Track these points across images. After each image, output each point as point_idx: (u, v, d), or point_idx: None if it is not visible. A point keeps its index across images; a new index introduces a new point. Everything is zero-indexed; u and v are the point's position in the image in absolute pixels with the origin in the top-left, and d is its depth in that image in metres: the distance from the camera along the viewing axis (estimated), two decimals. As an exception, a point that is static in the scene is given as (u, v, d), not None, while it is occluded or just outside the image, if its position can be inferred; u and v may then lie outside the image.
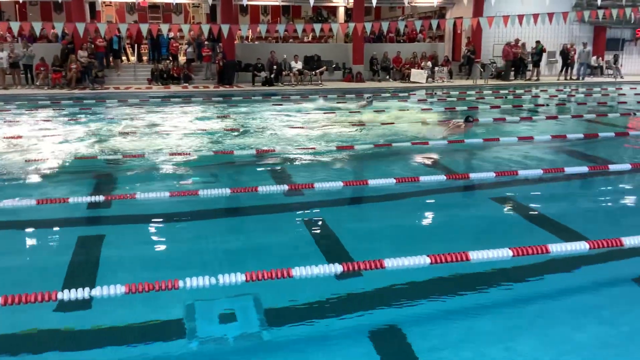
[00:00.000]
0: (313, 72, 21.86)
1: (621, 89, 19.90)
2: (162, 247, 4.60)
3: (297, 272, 3.16)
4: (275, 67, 21.05)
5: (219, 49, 21.20)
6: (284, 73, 21.49)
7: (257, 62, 21.17)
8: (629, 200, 5.94)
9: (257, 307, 3.29)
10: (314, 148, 8.39)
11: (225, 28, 16.59)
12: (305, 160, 7.69)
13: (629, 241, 3.67)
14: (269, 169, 7.19)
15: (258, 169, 7.23)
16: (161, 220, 5.13)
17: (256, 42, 25.91)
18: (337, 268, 3.23)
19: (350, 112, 13.05)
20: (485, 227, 4.96)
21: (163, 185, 6.11)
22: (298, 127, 10.74)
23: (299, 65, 21.67)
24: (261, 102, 15.68)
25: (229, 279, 3.09)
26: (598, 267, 3.87)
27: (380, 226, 4.97)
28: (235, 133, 10.07)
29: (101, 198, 5.36)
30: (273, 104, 15.15)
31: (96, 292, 2.99)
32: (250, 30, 24.65)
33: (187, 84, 20.09)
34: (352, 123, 11.22)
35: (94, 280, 3.67)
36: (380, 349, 2.88)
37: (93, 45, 19.43)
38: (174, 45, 21.53)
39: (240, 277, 3.11)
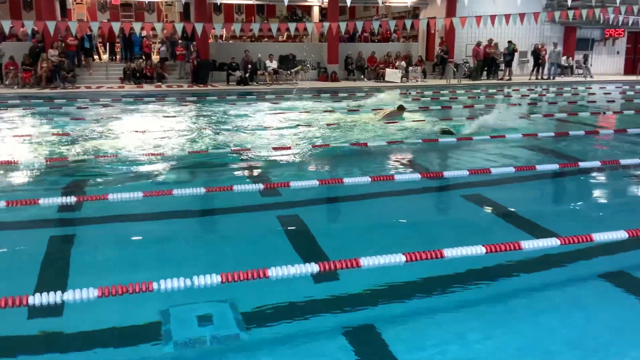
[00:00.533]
0: (288, 72, 21.83)
1: (591, 88, 20.31)
2: (136, 249, 4.53)
3: (274, 272, 3.15)
4: (250, 66, 20.96)
5: (193, 47, 21.02)
6: (259, 72, 21.42)
7: (232, 62, 21.06)
8: (599, 196, 6.07)
9: (234, 308, 3.27)
10: (289, 147, 8.38)
11: (199, 27, 16.46)
12: (281, 159, 7.68)
13: (599, 237, 3.75)
14: (244, 168, 7.15)
15: (233, 168, 7.19)
16: (135, 221, 5.07)
17: (231, 41, 25.76)
18: (314, 268, 3.23)
19: (324, 111, 13.06)
20: (459, 224, 5.01)
21: (136, 186, 6.04)
22: (273, 127, 10.71)
23: (274, 64, 21.62)
24: (236, 102, 15.59)
25: (204, 281, 3.06)
26: (569, 262, 3.93)
27: (356, 225, 4.99)
28: (210, 132, 10.00)
29: (73, 199, 5.27)
30: (248, 103, 15.09)
31: (68, 296, 2.94)
32: (224, 29, 24.52)
33: (160, 83, 19.88)
34: (327, 123, 11.23)
35: (65, 284, 3.60)
36: (358, 349, 2.89)
37: (64, 44, 19.09)
38: (147, 44, 21.28)
39: (215, 279, 3.08)
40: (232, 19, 30.27)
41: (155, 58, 21.95)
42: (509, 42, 24.41)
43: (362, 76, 23.67)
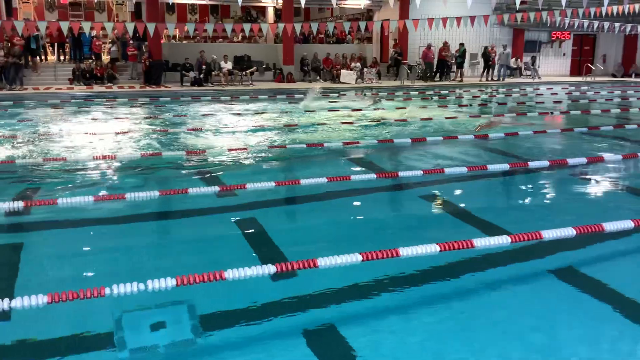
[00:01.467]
0: (243, 73, 21.69)
1: (539, 89, 20.98)
2: (88, 254, 4.41)
3: (230, 274, 3.12)
4: (204, 67, 20.72)
5: (145, 48, 20.63)
6: (213, 73, 21.20)
7: (186, 62, 20.77)
8: (548, 195, 6.27)
9: (190, 312, 3.22)
10: (245, 149, 8.32)
11: (151, 26, 16.16)
12: (237, 160, 7.62)
13: (548, 234, 3.87)
14: (199, 170, 7.06)
15: (188, 171, 7.09)
16: (86, 225, 4.93)
17: (184, 42, 25.39)
18: (271, 269, 3.22)
19: (281, 112, 13.03)
20: (414, 224, 5.09)
21: (87, 190, 5.88)
22: (229, 128, 10.62)
23: (228, 65, 21.44)
24: (191, 103, 15.39)
25: (158, 284, 3.01)
26: (519, 259, 4.04)
27: (313, 225, 5.00)
28: (164, 134, 9.83)
29: (20, 204, 5.09)
30: (203, 105, 14.92)
31: (16, 303, 2.84)
32: (177, 30, 24.16)
33: (111, 84, 19.42)
34: (285, 124, 11.22)
35: (12, 291, 3.48)
36: (317, 349, 2.89)
37: (10, 44, 18.40)
38: (97, 44, 20.76)
39: (170, 282, 3.03)
40: (186, 19, 29.87)
41: (105, 58, 21.45)
42: (460, 44, 24.94)
43: (318, 77, 23.74)
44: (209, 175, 6.80)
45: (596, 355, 2.81)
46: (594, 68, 27.13)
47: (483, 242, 3.73)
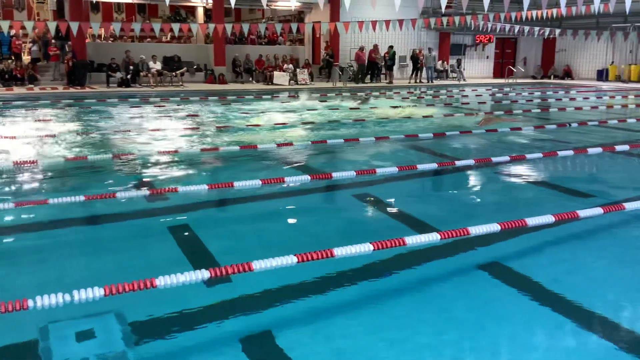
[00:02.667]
0: (173, 73, 21.23)
1: (464, 90, 21.73)
2: (9, 264, 4.17)
3: (162, 281, 3.04)
4: (131, 67, 20.12)
5: (68, 47, 19.79)
6: (141, 74, 20.62)
7: (112, 62, 20.10)
8: (474, 192, 6.50)
9: (120, 321, 3.12)
10: (177, 151, 8.15)
11: (74, 26, 15.53)
12: (168, 163, 7.44)
13: (475, 230, 4.02)
14: (128, 173, 6.85)
15: (116, 174, 6.86)
16: (6, 234, 4.67)
17: (110, 41, 24.55)
18: (204, 274, 3.16)
19: (209, 113, 12.84)
20: (348, 223, 5.15)
21: (6, 196, 5.57)
22: (159, 130, 10.36)
23: (157, 65, 20.92)
24: (118, 104, 14.90)
25: (85, 295, 2.88)
26: (448, 255, 4.17)
27: (247, 228, 4.95)
28: (89, 137, 9.47)
29: None
30: (131, 106, 14.48)
31: None
32: (102, 29, 23.33)
33: (32, 85, 18.51)
34: (217, 125, 11.08)
35: None
36: (253, 354, 2.86)
37: None
38: (17, 43, 19.73)
39: (98, 292, 2.91)
40: (111, 18, 28.91)
41: (26, 59, 20.43)
42: (390, 47, 25.47)
43: (251, 78, 23.59)
44: (138, 178, 6.61)
45: (520, 340, 2.94)
46: (515, 70, 28.41)
47: (414, 240, 3.82)
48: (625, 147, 8.48)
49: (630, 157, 8.24)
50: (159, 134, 10.05)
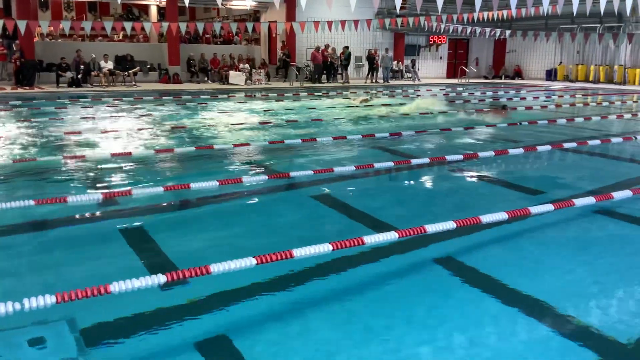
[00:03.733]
0: (126, 73, 20.78)
1: (419, 90, 22.07)
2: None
3: (116, 287, 2.97)
4: (82, 67, 19.59)
5: (16, 47, 19.11)
6: (93, 74, 20.11)
7: (62, 62, 19.52)
8: (430, 190, 6.61)
9: (72, 329, 3.03)
10: (130, 153, 7.97)
11: (22, 24, 15.01)
12: (122, 165, 7.28)
13: (431, 228, 4.08)
14: (80, 176, 6.66)
15: (67, 177, 6.66)
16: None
17: (60, 40, 23.83)
18: (161, 279, 3.10)
19: (167, 114, 12.64)
20: (307, 224, 5.15)
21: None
22: (112, 131, 10.13)
23: (109, 65, 20.44)
24: (68, 105, 14.47)
25: (36, 303, 2.79)
26: (406, 253, 4.23)
27: (204, 231, 4.89)
28: (38, 139, 9.16)
29: None
30: (82, 107, 14.10)
31: None
32: (52, 27, 22.63)
33: (-24, 86, 17.81)
34: (172, 126, 10.90)
35: None
36: (209, 357, 2.83)
37: None
38: (-40, 42, 18.99)
39: (50, 299, 2.82)
40: (61, 16, 28.05)
41: (-30, 58, 19.65)
42: (345, 47, 25.63)
43: (206, 78, 23.32)
44: (90, 181, 6.43)
45: (473, 333, 3.00)
46: (467, 70, 29.04)
47: (373, 239, 3.85)
48: (573, 145, 8.78)
49: (578, 154, 8.53)
50: (112, 135, 9.82)
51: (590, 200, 5.20)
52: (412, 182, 6.92)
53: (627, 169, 7.79)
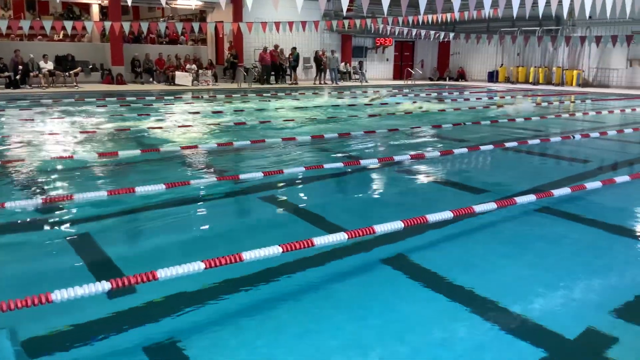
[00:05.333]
0: (67, 73, 20.11)
1: (367, 92, 22.32)
2: None
3: (59, 295, 2.86)
4: (21, 67, 18.83)
5: (-53, 46, 18.21)
6: (32, 74, 19.35)
7: (-2, 62, 18.71)
8: (378, 191, 6.70)
9: (13, 341, 2.91)
10: (72, 156, 7.72)
11: (-48, 22, 14.29)
12: (63, 169, 7.03)
13: (380, 228, 4.14)
14: (18, 181, 6.40)
15: (5, 182, 6.38)
16: None
17: (-5, 39, 22.83)
18: (105, 285, 3.01)
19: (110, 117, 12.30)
20: (256, 226, 5.12)
21: None
22: (53, 133, 9.78)
23: (49, 65, 19.74)
24: (6, 107, 13.87)
25: (-28, 314, 2.66)
26: (356, 253, 4.26)
27: (151, 235, 4.79)
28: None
29: None
30: (20, 108, 13.54)
31: None
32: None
33: None
34: (116, 128, 10.62)
35: None
36: (158, 363, 2.78)
37: None
38: None
39: (-13, 310, 2.70)
40: (-4, 14, 26.85)
41: None
42: (293, 48, 25.65)
43: (151, 79, 22.85)
44: (30, 186, 6.19)
45: (421, 331, 3.06)
46: (413, 72, 29.60)
47: (322, 240, 3.87)
48: (515, 144, 9.08)
49: (519, 153, 8.83)
50: (53, 138, 9.48)
51: (531, 198, 5.39)
52: (361, 183, 6.98)
53: (566, 167, 8.12)
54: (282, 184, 6.49)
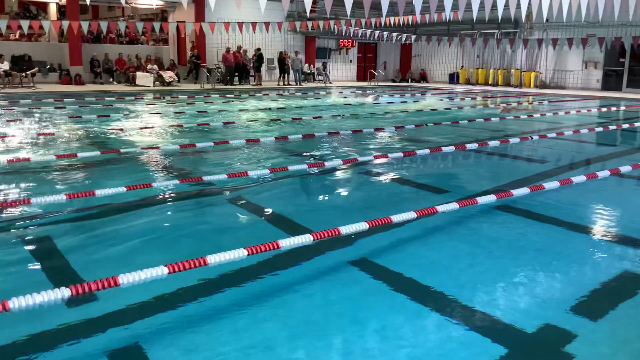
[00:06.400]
0: (23, 74, 19.53)
1: (331, 92, 22.40)
2: None
3: (15, 303, 2.78)
4: (-27, 67, 18.22)
5: None
6: (-15, 75, 18.75)
7: (-51, 62, 18.05)
8: (342, 192, 6.72)
9: (-34, 351, 2.81)
10: (29, 159, 7.50)
11: None
12: (19, 172, 6.83)
13: (345, 229, 4.16)
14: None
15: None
16: None
17: (-54, 38, 22.03)
18: (65, 292, 2.94)
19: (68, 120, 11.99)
20: (222, 228, 5.07)
21: None
22: (8, 136, 9.48)
23: (5, 65, 19.16)
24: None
25: None
26: (321, 254, 4.27)
27: (112, 240, 4.68)
28: None
29: None
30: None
31: None
32: None
33: None
34: (75, 129, 10.37)
35: None
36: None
37: None
38: None
39: (-61, 320, 2.60)
40: (-53, 12, 25.92)
41: None
42: (257, 49, 25.54)
43: (111, 79, 22.41)
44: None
45: (387, 330, 3.09)
46: (376, 74, 29.86)
47: (288, 242, 3.87)
48: (475, 146, 9.25)
49: (479, 154, 9.00)
50: (8, 139, 9.19)
51: (491, 198, 5.51)
52: (326, 184, 6.99)
53: (525, 168, 8.32)
54: (247, 185, 6.45)
